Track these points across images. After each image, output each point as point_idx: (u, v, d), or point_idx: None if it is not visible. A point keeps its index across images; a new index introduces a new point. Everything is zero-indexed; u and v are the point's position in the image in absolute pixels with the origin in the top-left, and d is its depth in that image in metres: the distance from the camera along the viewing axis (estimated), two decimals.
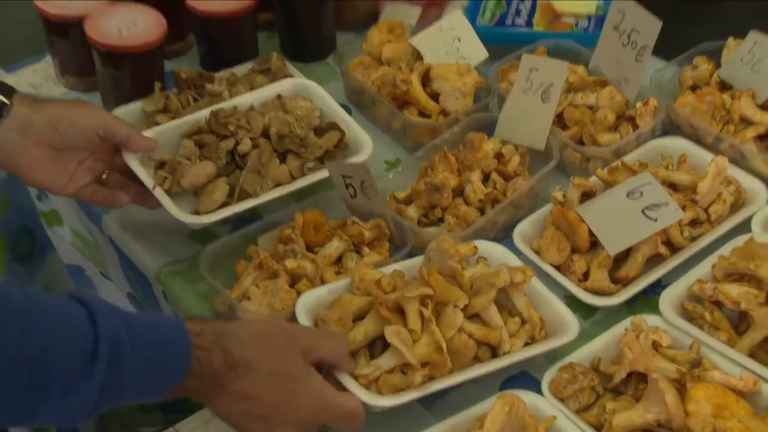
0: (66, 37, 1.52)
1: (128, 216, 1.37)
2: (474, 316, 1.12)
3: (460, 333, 1.09)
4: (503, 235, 1.27)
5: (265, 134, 1.34)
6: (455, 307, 1.09)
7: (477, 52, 1.47)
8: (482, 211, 1.28)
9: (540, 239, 1.23)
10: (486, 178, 1.31)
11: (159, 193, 1.26)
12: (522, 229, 1.25)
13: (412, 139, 1.42)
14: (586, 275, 1.20)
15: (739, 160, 1.30)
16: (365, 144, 1.32)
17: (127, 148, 1.27)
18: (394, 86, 1.43)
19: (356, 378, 1.06)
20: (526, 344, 1.13)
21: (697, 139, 1.34)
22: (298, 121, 1.35)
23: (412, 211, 1.29)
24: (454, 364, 1.08)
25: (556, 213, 1.23)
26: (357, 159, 1.32)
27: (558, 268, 1.22)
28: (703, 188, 1.23)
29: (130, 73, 1.47)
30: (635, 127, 1.36)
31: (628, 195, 1.21)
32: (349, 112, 1.48)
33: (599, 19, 1.48)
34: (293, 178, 1.32)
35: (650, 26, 1.33)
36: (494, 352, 1.12)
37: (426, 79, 1.44)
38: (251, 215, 1.34)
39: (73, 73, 1.57)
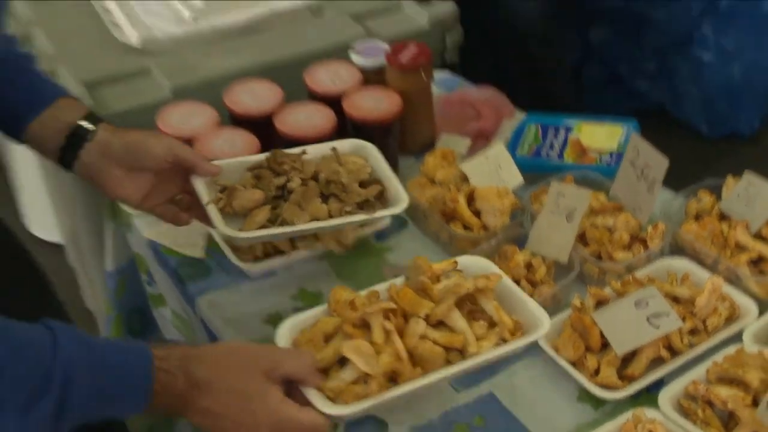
0: None
1: (217, 300, 1.39)
2: (441, 324, 1.06)
3: (424, 341, 1.03)
4: None
5: (315, 178, 1.31)
6: (417, 317, 1.04)
7: (515, 178, 1.47)
8: None
9: (558, 338, 1.22)
10: (516, 284, 1.28)
11: (210, 209, 1.25)
12: None
13: (457, 249, 1.41)
14: (597, 371, 1.19)
15: (734, 280, 1.29)
16: (402, 200, 1.30)
17: (195, 172, 1.26)
18: (443, 204, 1.44)
19: (324, 392, 1.00)
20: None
21: (699, 261, 1.33)
22: (349, 174, 1.31)
23: None
24: (426, 371, 1.03)
25: (574, 317, 1.22)
26: (393, 211, 1.30)
27: (573, 363, 1.20)
28: (701, 302, 1.22)
29: None
30: (646, 247, 1.35)
31: (635, 305, 1.20)
32: (405, 223, 1.50)
33: (619, 156, 1.48)
34: (331, 217, 1.28)
35: (660, 164, 1.34)
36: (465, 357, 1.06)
37: (471, 199, 1.44)
38: (313, 304, 1.34)
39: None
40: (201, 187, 1.26)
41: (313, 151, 1.37)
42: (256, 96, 1.60)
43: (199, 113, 1.57)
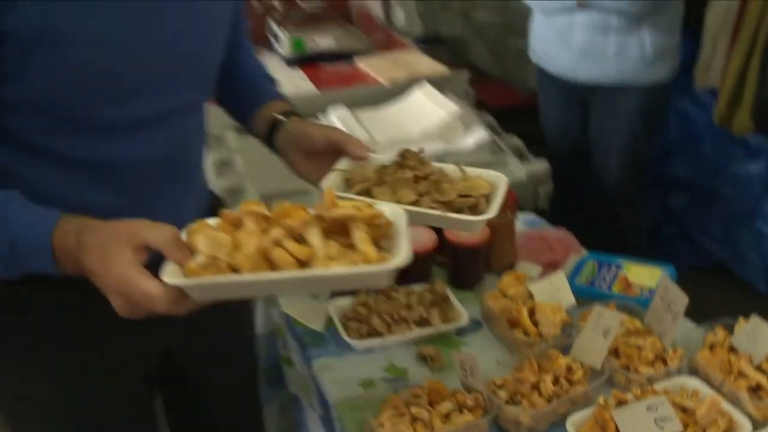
0: None
1: (327, 364, 1.46)
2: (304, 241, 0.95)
3: (278, 247, 0.92)
4: (561, 422, 1.28)
5: (427, 178, 1.20)
6: (279, 226, 0.94)
7: (568, 300, 1.51)
8: (549, 402, 1.30)
9: (583, 426, 1.25)
10: (556, 381, 1.34)
11: (331, 174, 1.20)
12: (574, 419, 1.27)
13: (517, 348, 1.46)
14: None
15: (735, 401, 1.29)
16: (485, 215, 1.16)
17: (346, 154, 1.23)
18: (510, 313, 1.49)
19: (183, 270, 0.91)
20: None
21: (708, 382, 1.33)
22: (464, 189, 1.16)
23: (502, 393, 1.32)
24: None
25: (597, 412, 1.25)
26: (463, 218, 1.14)
27: None
28: (701, 413, 1.22)
29: None
30: (666, 365, 1.36)
31: (647, 408, 1.22)
32: (480, 325, 1.57)
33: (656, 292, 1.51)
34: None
35: (681, 300, 1.37)
36: None
37: (532, 312, 1.49)
38: (398, 376, 1.42)
39: None
40: (342, 162, 1.22)
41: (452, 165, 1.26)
42: None
43: None
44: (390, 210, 1.04)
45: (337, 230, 0.97)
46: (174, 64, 1.10)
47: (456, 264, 1.69)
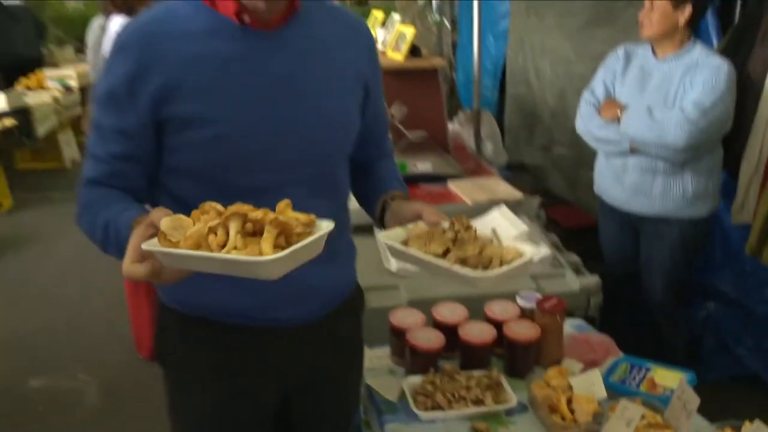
0: (397, 337, 1.79)
1: (397, 428, 1.55)
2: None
3: (213, 234, 1.00)
4: None
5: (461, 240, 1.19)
6: (222, 221, 1.00)
7: (601, 393, 1.57)
8: None
9: None
10: None
11: (400, 228, 1.27)
12: None
13: (554, 430, 1.52)
14: None
15: None
16: (486, 273, 1.14)
17: (422, 219, 1.28)
18: (551, 400, 1.56)
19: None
20: None
21: None
22: (495, 253, 1.15)
23: None
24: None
25: None
26: (467, 273, 1.13)
27: None
28: None
29: (421, 362, 1.70)
30: None
31: None
32: (526, 408, 1.63)
33: None
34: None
35: (694, 401, 1.43)
36: None
37: (570, 401, 1.55)
38: None
39: (395, 354, 1.82)
40: (414, 224, 1.27)
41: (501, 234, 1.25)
42: (451, 312, 1.83)
43: (415, 315, 1.83)
44: (326, 225, 1.07)
45: (262, 229, 1.02)
46: (288, 149, 1.24)
47: (511, 356, 1.77)
